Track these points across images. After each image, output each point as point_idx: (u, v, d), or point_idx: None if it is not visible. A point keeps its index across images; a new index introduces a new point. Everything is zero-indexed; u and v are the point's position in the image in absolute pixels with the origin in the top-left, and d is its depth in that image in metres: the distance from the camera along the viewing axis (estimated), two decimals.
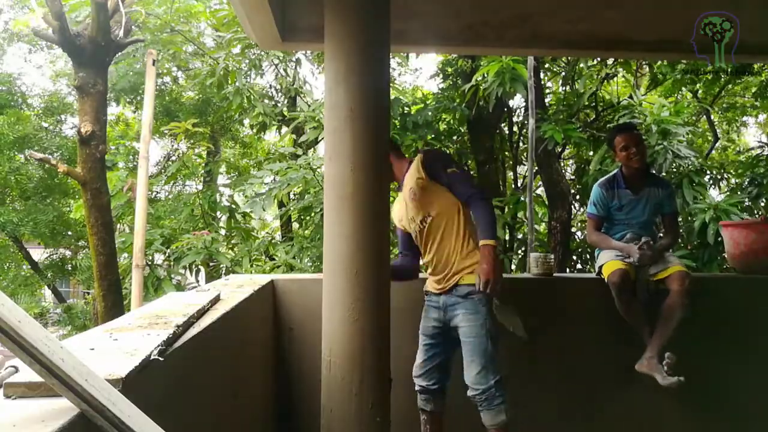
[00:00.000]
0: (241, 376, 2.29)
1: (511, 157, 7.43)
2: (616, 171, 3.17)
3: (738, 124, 9.92)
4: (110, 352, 1.24)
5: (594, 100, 6.51)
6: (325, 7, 2.12)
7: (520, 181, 7.75)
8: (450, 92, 6.90)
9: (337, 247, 2.07)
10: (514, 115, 7.30)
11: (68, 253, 11.78)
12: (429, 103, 6.47)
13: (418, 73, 11.84)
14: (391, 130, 5.39)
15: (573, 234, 7.10)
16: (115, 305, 5.32)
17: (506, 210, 6.13)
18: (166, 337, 1.39)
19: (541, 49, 3.50)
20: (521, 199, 6.02)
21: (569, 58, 6.24)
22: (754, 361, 3.17)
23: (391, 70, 7.59)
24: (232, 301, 2.17)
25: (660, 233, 3.38)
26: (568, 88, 6.77)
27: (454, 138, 7.20)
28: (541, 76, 6.64)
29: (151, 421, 1.01)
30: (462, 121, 6.87)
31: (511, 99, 6.42)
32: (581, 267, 6.84)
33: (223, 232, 7.11)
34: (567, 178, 7.16)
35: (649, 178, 3.14)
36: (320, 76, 8.16)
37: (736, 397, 3.16)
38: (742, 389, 3.15)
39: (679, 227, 3.43)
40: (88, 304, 10.89)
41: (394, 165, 2.65)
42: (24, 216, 9.85)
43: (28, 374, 0.96)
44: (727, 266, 4.69)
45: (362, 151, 2.05)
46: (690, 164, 5.39)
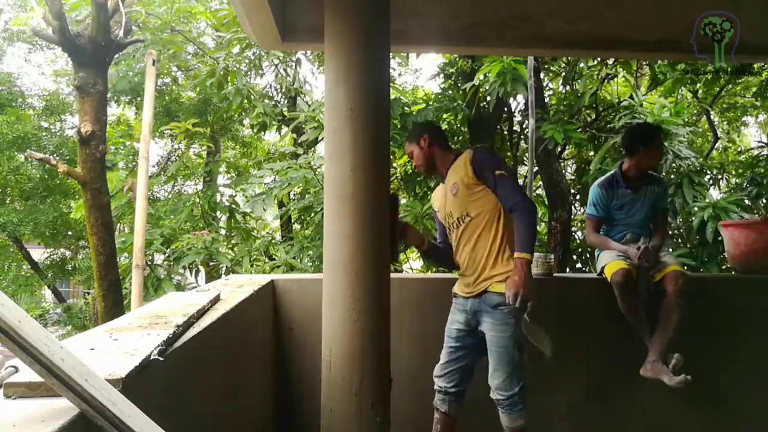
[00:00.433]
0: (241, 376, 2.30)
1: (512, 157, 7.42)
2: (615, 171, 3.16)
3: (738, 124, 9.92)
4: (110, 352, 1.24)
5: (594, 100, 6.51)
6: (325, 7, 2.12)
7: (520, 181, 7.74)
8: (451, 92, 6.90)
9: (337, 247, 2.07)
10: (515, 115, 7.30)
11: (68, 253, 11.78)
12: (431, 103, 6.47)
13: (419, 74, 11.83)
14: (391, 130, 5.38)
15: (573, 234, 7.09)
16: (115, 305, 5.32)
17: None
18: (166, 337, 1.39)
19: (541, 49, 3.50)
20: None
21: (569, 58, 6.23)
22: (755, 361, 3.18)
23: (391, 70, 7.59)
24: (232, 301, 2.17)
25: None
26: (568, 88, 6.77)
27: (455, 138, 7.19)
28: (541, 76, 6.63)
29: (151, 421, 1.01)
30: (463, 121, 6.86)
31: (511, 99, 6.41)
32: (581, 267, 6.83)
33: (223, 232, 7.11)
34: (567, 178, 7.15)
35: (648, 177, 3.14)
36: (320, 76, 8.16)
37: (737, 397, 3.16)
38: (743, 389, 3.16)
39: (668, 224, 3.42)
40: (88, 305, 10.89)
41: (437, 154, 2.62)
42: (24, 216, 9.84)
43: (28, 374, 0.97)
44: (727, 266, 4.70)
45: (362, 151, 2.05)
46: (690, 164, 5.38)
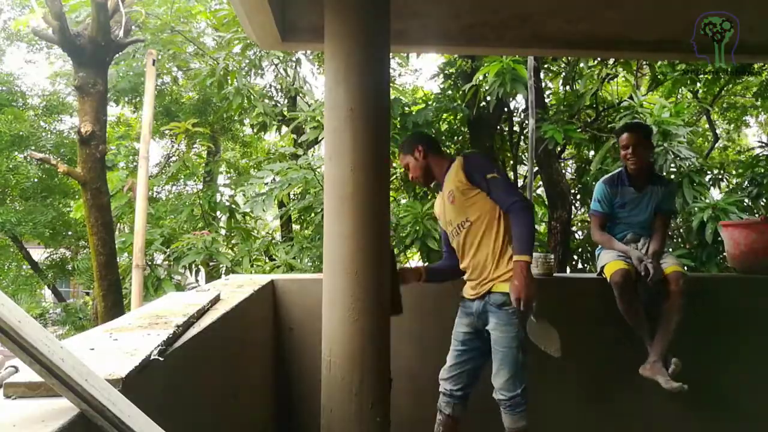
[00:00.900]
0: (241, 376, 2.30)
1: (512, 157, 7.42)
2: (621, 169, 3.17)
3: (738, 124, 9.92)
4: (110, 352, 1.24)
5: (594, 101, 6.51)
6: (325, 7, 2.12)
7: (520, 181, 7.74)
8: (451, 92, 6.90)
9: (337, 247, 2.07)
10: (515, 115, 7.30)
11: (68, 253, 11.77)
12: (430, 103, 6.46)
13: (419, 74, 11.82)
14: (391, 130, 5.38)
15: (573, 234, 7.10)
16: (115, 305, 5.32)
17: None
18: (166, 337, 1.39)
19: (541, 49, 3.49)
20: None
21: (569, 58, 6.23)
22: (755, 361, 3.17)
23: (391, 70, 7.59)
24: (232, 301, 2.17)
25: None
26: (568, 88, 6.77)
27: (455, 138, 7.19)
28: (541, 76, 6.63)
29: (151, 421, 1.01)
30: (463, 121, 6.86)
31: (511, 99, 6.41)
32: (581, 267, 6.83)
33: (223, 232, 7.11)
34: (567, 178, 7.15)
35: (653, 177, 3.13)
36: (320, 76, 8.16)
37: (737, 397, 3.16)
38: (743, 389, 3.16)
39: (668, 228, 3.41)
40: (87, 305, 10.89)
41: (433, 164, 2.62)
42: (23, 216, 9.84)
43: (28, 374, 0.97)
44: (727, 266, 4.70)
45: (362, 151, 2.05)
46: (690, 165, 5.38)
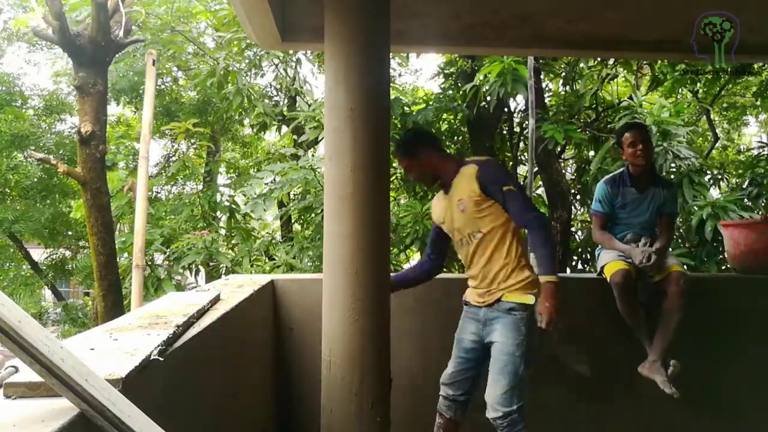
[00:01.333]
0: (241, 376, 2.29)
1: (512, 157, 7.42)
2: (623, 169, 3.17)
3: (739, 124, 9.92)
4: (110, 352, 1.24)
5: (594, 101, 6.51)
6: (325, 7, 2.12)
7: (520, 181, 7.74)
8: (451, 92, 6.90)
9: (337, 247, 2.07)
10: (515, 116, 7.30)
11: (68, 253, 11.77)
12: (431, 103, 6.46)
13: (419, 74, 11.84)
14: (391, 130, 5.38)
15: (573, 234, 7.09)
16: (115, 305, 5.32)
17: None
18: (166, 337, 1.39)
19: (541, 49, 3.50)
20: None
21: (569, 58, 6.23)
22: (755, 361, 3.17)
23: (391, 70, 7.58)
24: (232, 301, 2.17)
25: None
26: (568, 88, 6.77)
27: (455, 138, 7.19)
28: (541, 76, 6.63)
29: (151, 421, 1.01)
30: (463, 121, 6.86)
31: (511, 99, 6.41)
32: (581, 267, 6.83)
33: (223, 232, 7.11)
34: (567, 178, 7.15)
35: (655, 179, 3.14)
36: (320, 76, 8.15)
37: (736, 397, 3.16)
38: (743, 389, 3.15)
39: (674, 230, 3.42)
40: (87, 305, 10.89)
41: (436, 164, 2.49)
42: (21, 214, 9.83)
43: (28, 374, 0.97)
44: (727, 266, 4.70)
45: (362, 151, 2.05)
46: (690, 164, 5.38)
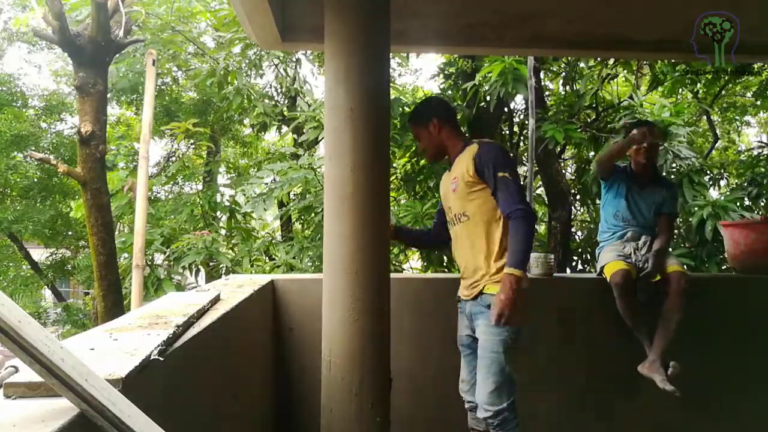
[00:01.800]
0: (241, 376, 2.29)
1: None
2: (626, 164, 3.23)
3: (738, 124, 9.92)
4: (110, 352, 1.24)
5: (594, 101, 6.51)
6: (325, 7, 2.12)
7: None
8: (451, 92, 6.90)
9: (337, 247, 2.07)
10: (515, 115, 7.30)
11: (68, 253, 11.77)
12: None
13: (419, 74, 11.87)
14: (391, 130, 5.38)
15: (573, 234, 7.10)
16: (115, 305, 5.32)
17: None
18: (166, 337, 1.38)
19: (541, 49, 3.50)
20: None
21: (569, 58, 6.23)
22: (755, 361, 3.17)
23: (391, 70, 7.59)
24: (232, 301, 2.17)
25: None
26: (568, 88, 6.77)
27: None
28: (541, 76, 6.63)
29: (151, 421, 1.01)
30: (463, 121, 6.85)
31: (511, 99, 6.41)
32: (581, 267, 6.83)
33: (223, 232, 7.11)
34: (567, 178, 7.16)
35: (657, 178, 3.19)
36: (320, 76, 8.16)
37: (736, 397, 3.16)
38: (743, 389, 3.15)
39: (673, 230, 3.44)
40: (87, 305, 10.89)
41: (447, 139, 2.40)
42: (21, 214, 9.83)
43: (28, 374, 0.96)
44: (727, 266, 4.70)
45: (362, 151, 2.05)
46: (690, 164, 5.39)
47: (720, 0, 2.82)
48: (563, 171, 7.19)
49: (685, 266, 4.47)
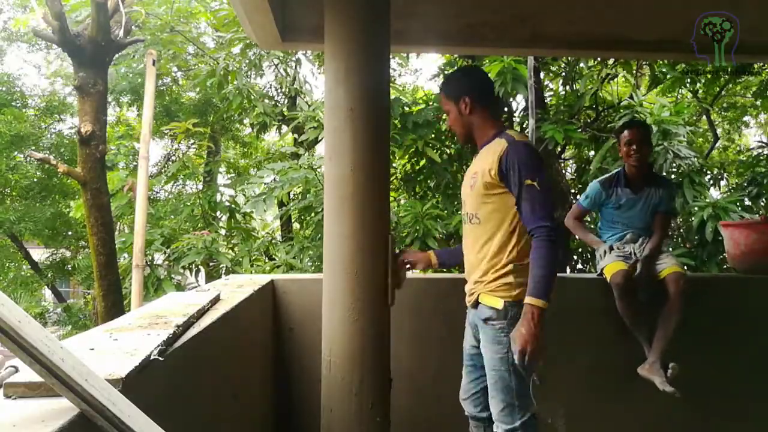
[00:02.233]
0: (241, 376, 2.29)
1: None
2: (619, 169, 3.17)
3: (739, 124, 9.93)
4: (110, 352, 1.24)
5: (594, 101, 6.51)
6: (325, 7, 2.12)
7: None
8: None
9: (337, 247, 2.07)
10: (515, 116, 7.30)
11: (68, 253, 11.77)
12: (431, 103, 6.46)
13: (419, 74, 11.88)
14: (391, 130, 5.38)
15: (573, 234, 7.09)
16: (115, 305, 5.32)
17: None
18: (166, 337, 1.39)
19: (541, 49, 3.50)
20: None
21: (569, 58, 6.24)
22: (755, 361, 3.17)
23: (391, 70, 7.58)
24: (232, 301, 2.17)
25: None
26: (568, 88, 6.77)
27: (455, 138, 7.19)
28: (541, 76, 6.63)
29: (151, 421, 1.01)
30: None
31: (511, 99, 6.42)
32: (581, 267, 6.84)
33: (223, 232, 7.11)
34: (567, 178, 7.16)
35: (651, 179, 3.12)
36: (320, 76, 8.16)
37: (736, 397, 3.16)
38: (743, 389, 3.15)
39: (668, 229, 3.41)
40: (88, 305, 10.88)
41: (476, 123, 2.12)
42: (22, 215, 9.83)
43: (28, 374, 0.97)
44: (727, 266, 4.70)
45: (362, 151, 2.06)
46: (690, 164, 5.39)
47: (720, 0, 2.82)
48: (563, 171, 7.19)
49: (685, 266, 4.47)
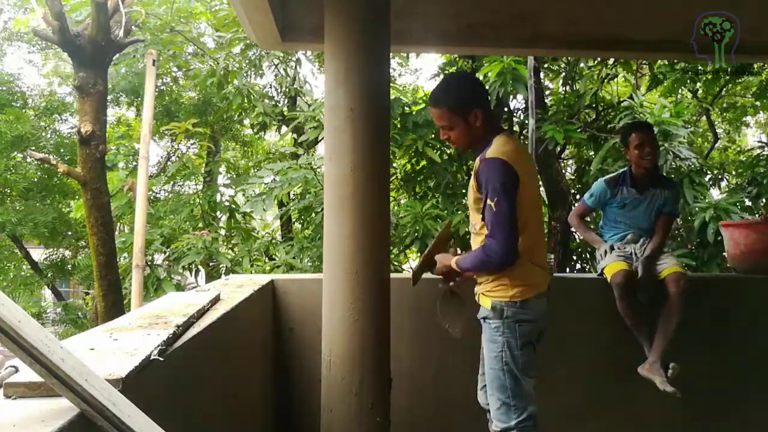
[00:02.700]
0: (241, 376, 2.29)
1: None
2: (625, 170, 3.15)
3: (738, 124, 9.93)
4: (110, 352, 1.24)
5: (594, 101, 6.51)
6: (325, 7, 2.12)
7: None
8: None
9: (337, 247, 2.07)
10: (515, 116, 7.30)
11: (68, 253, 11.77)
12: None
13: (419, 74, 11.88)
14: (391, 130, 5.38)
15: (573, 234, 7.10)
16: (115, 305, 5.32)
17: None
18: (166, 337, 1.39)
19: (541, 49, 3.50)
20: None
21: (569, 58, 6.24)
22: (755, 362, 3.17)
23: (391, 70, 7.59)
24: (232, 301, 2.17)
25: None
26: (568, 88, 6.77)
27: None
28: (541, 76, 6.64)
29: (151, 421, 1.01)
30: None
31: (511, 99, 6.42)
32: (581, 267, 6.84)
33: (223, 232, 7.11)
34: (567, 178, 7.16)
35: (657, 180, 3.11)
36: (320, 76, 8.16)
37: (737, 398, 3.16)
38: (743, 390, 3.15)
39: (670, 230, 3.40)
40: (88, 304, 10.88)
41: (481, 131, 2.10)
42: (23, 216, 9.83)
43: (28, 374, 0.96)
44: (728, 266, 4.70)
45: (362, 151, 2.06)
46: (691, 165, 5.39)
47: (720, 0, 2.82)
48: (563, 171, 7.19)
49: (686, 266, 4.47)
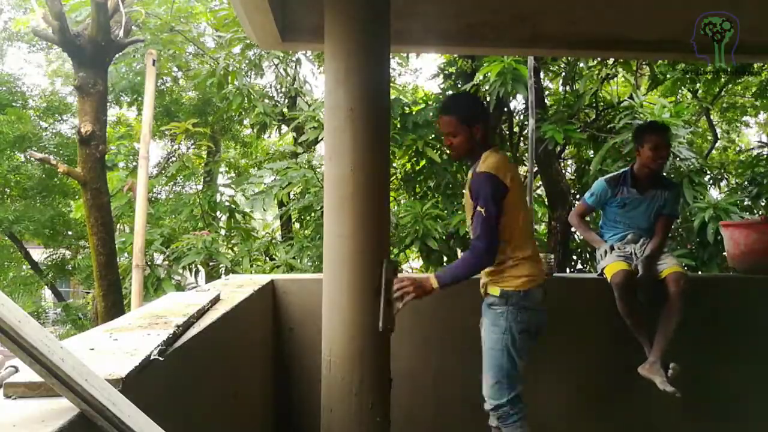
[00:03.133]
0: (241, 376, 2.30)
1: (512, 157, 7.42)
2: (626, 169, 3.14)
3: (738, 124, 9.93)
4: (110, 352, 1.24)
5: (594, 101, 6.51)
6: (325, 7, 2.12)
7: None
8: (451, 92, 6.90)
9: (337, 247, 2.07)
10: (515, 116, 7.30)
11: (68, 253, 11.77)
12: (431, 103, 6.46)
13: (419, 73, 11.87)
14: (391, 130, 5.38)
15: (573, 234, 7.10)
16: (115, 305, 5.32)
17: None
18: (166, 337, 1.39)
19: (541, 49, 3.50)
20: None
21: (569, 58, 6.24)
22: (755, 362, 3.17)
23: (391, 70, 7.59)
24: (232, 301, 2.17)
25: None
26: (568, 88, 6.77)
27: None
28: (541, 76, 6.63)
29: (151, 421, 1.01)
30: None
31: (511, 99, 6.42)
32: (581, 267, 6.84)
33: (223, 232, 7.11)
34: (567, 178, 7.16)
35: (658, 180, 3.10)
36: (320, 76, 8.16)
37: (736, 397, 3.16)
38: (743, 389, 3.15)
39: (669, 231, 3.39)
40: (88, 304, 10.88)
41: (477, 145, 2.31)
42: (21, 215, 9.83)
43: (28, 374, 0.97)
44: (728, 266, 4.70)
45: (362, 151, 2.06)
46: (690, 165, 5.39)
47: (720, 0, 2.82)
48: (563, 171, 7.19)
49: (686, 266, 4.47)
